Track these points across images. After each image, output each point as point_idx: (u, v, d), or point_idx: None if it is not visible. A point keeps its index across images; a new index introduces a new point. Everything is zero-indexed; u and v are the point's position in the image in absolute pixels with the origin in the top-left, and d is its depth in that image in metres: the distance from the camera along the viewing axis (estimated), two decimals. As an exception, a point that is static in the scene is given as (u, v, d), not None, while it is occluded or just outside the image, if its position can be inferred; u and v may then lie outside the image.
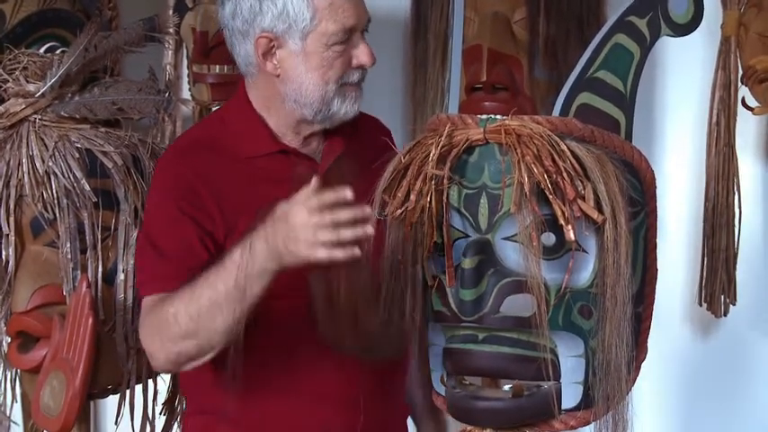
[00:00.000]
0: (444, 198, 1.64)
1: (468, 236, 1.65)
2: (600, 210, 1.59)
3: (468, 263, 1.61)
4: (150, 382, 2.01)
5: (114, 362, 1.91)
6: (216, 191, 1.71)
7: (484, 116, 1.66)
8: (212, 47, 2.97)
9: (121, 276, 1.94)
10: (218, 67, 3.00)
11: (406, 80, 3.25)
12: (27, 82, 1.97)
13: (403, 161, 1.66)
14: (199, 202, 1.68)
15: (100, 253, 1.93)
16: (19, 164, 1.93)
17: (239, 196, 1.74)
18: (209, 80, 3.00)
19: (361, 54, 1.89)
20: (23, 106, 1.97)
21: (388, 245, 1.66)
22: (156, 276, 1.61)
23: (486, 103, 2.68)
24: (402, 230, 1.65)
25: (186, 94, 3.09)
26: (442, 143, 1.64)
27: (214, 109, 3.12)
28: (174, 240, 1.64)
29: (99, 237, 1.93)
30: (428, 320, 1.69)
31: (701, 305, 2.90)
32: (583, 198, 1.58)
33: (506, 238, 1.63)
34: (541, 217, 1.59)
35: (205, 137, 1.81)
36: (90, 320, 1.80)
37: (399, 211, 1.64)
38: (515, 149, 1.60)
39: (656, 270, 1.73)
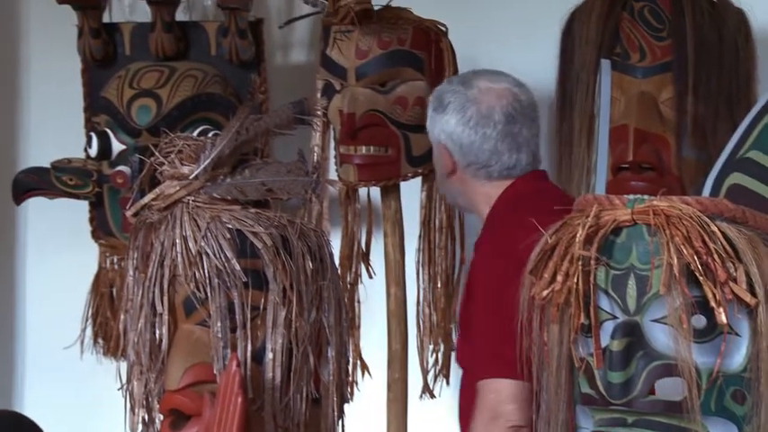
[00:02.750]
0: (591, 279, 1.63)
1: (615, 317, 1.64)
2: (752, 292, 1.56)
3: (616, 345, 1.59)
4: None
5: (263, 440, 1.93)
6: None
7: (631, 196, 1.65)
8: (359, 128, 3.02)
9: (270, 355, 1.96)
10: (364, 147, 3.04)
11: (551, 160, 3.24)
12: (181, 164, 2.01)
13: (549, 242, 1.66)
14: None
15: (249, 332, 1.96)
16: (173, 244, 1.97)
17: None
18: (356, 161, 3.04)
19: None
20: (178, 188, 2.01)
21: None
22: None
23: (633, 183, 2.66)
24: (549, 312, 1.64)
25: (333, 175, 3.13)
26: (589, 224, 1.63)
27: (360, 189, 3.16)
28: None
29: (248, 316, 1.96)
30: (575, 403, 1.67)
31: None
32: (735, 280, 1.55)
33: (655, 320, 1.61)
34: (692, 299, 1.57)
35: None
36: (240, 399, 1.82)
37: (546, 292, 1.63)
38: (664, 230, 1.58)
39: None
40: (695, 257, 1.56)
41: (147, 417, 1.97)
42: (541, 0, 3.40)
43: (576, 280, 1.62)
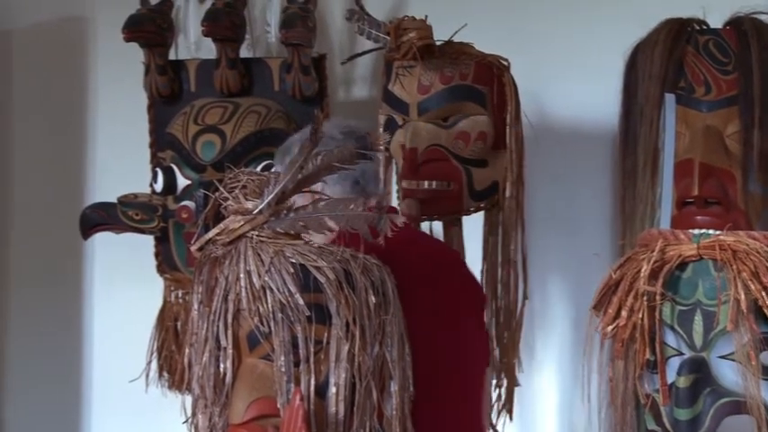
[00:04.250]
0: (657, 315, 1.61)
1: (682, 353, 1.62)
2: (822, 328, 1.54)
3: (683, 381, 1.57)
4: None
5: (326, 475, 1.93)
6: None
7: (697, 231, 1.64)
8: (421, 163, 3.02)
9: (333, 390, 1.96)
10: (426, 182, 3.04)
11: (614, 194, 3.22)
12: (245, 199, 2.03)
13: (614, 277, 1.64)
14: None
15: (312, 366, 1.96)
16: (237, 279, 1.98)
17: None
18: (419, 195, 3.04)
19: None
20: (242, 223, 2.02)
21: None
22: None
23: (699, 218, 2.63)
24: (614, 348, 1.62)
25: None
26: (654, 259, 1.62)
27: (423, 224, 3.16)
28: None
29: (312, 350, 1.96)
30: (642, 440, 1.66)
31: None
32: (803, 316, 1.53)
33: (723, 357, 1.59)
34: (760, 335, 1.55)
35: None
36: (303, 433, 1.82)
37: (610, 327, 1.62)
38: (731, 265, 1.57)
39: None
40: (763, 293, 1.54)
41: (211, 450, 1.98)
42: (604, 34, 3.40)
43: (641, 315, 1.61)
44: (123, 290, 3.81)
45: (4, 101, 3.87)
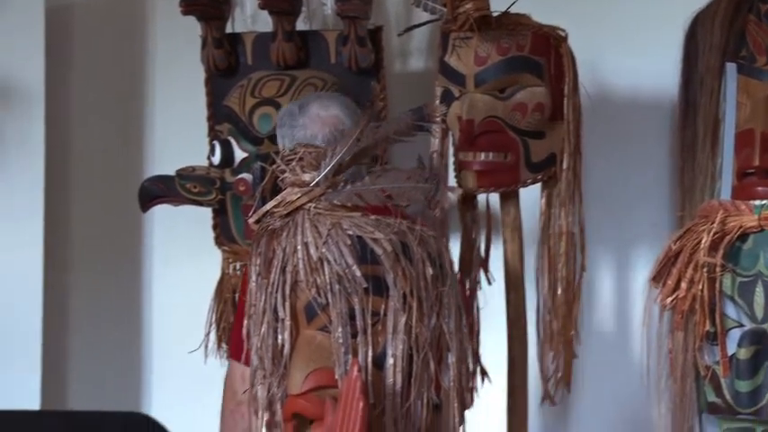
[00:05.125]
0: (717, 286, 1.60)
1: (742, 325, 1.61)
2: None
3: (743, 353, 1.56)
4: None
5: (384, 446, 1.93)
6: None
7: (758, 202, 1.62)
8: (478, 135, 3.01)
9: (390, 361, 1.96)
10: (483, 154, 3.03)
11: (673, 165, 3.20)
12: (303, 172, 2.03)
13: (673, 248, 1.63)
14: None
15: (370, 338, 1.96)
16: (294, 251, 1.98)
17: None
18: (475, 167, 3.03)
19: None
20: (299, 195, 2.02)
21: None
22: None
23: (760, 189, 2.60)
24: (673, 320, 1.61)
25: (452, 181, 3.13)
26: (714, 230, 1.60)
27: (479, 195, 3.16)
28: None
29: (369, 322, 1.97)
30: (701, 412, 1.65)
31: None
32: None
33: (784, 329, 1.58)
34: (821, 306, 1.53)
35: None
36: (361, 404, 1.83)
37: (669, 299, 1.61)
38: (793, 236, 1.55)
39: None
40: (825, 264, 1.52)
41: (271, 420, 1.99)
42: (663, 3, 3.36)
43: (700, 287, 1.59)
44: (182, 262, 3.84)
45: (63, 76, 3.90)
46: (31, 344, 3.69)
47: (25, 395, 3.63)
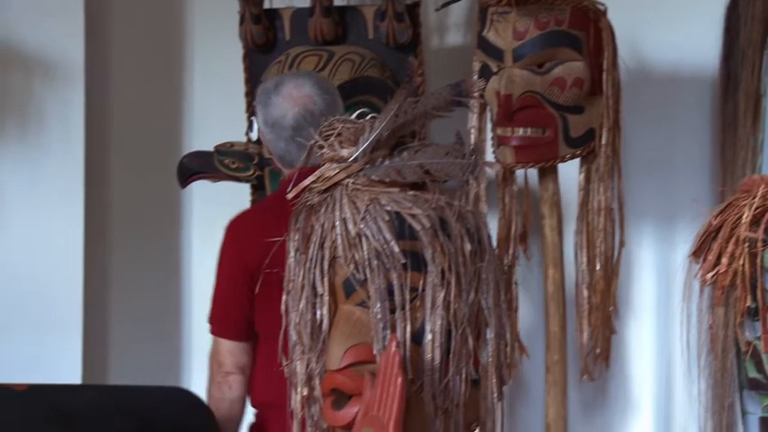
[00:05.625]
0: (758, 261, 1.59)
1: (784, 301, 1.59)
2: None
3: (785, 329, 1.55)
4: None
5: (422, 421, 1.93)
6: None
7: (800, 177, 1.61)
8: (516, 110, 3.00)
9: (429, 337, 1.96)
10: (521, 129, 3.02)
11: (713, 140, 3.17)
12: (341, 147, 2.03)
13: (714, 223, 1.62)
14: None
15: (408, 314, 1.96)
16: (332, 226, 1.98)
17: None
18: (513, 143, 3.02)
19: None
20: (337, 171, 2.02)
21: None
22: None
23: (802, 163, 2.59)
24: (714, 295, 1.60)
25: (491, 157, 3.13)
26: (755, 205, 1.59)
27: (518, 171, 3.15)
28: None
29: (407, 297, 1.96)
30: (742, 388, 1.64)
31: None
32: None
33: (826, 304, 1.56)
34: None
35: None
36: (399, 380, 1.83)
37: (710, 274, 1.60)
38: (835, 211, 1.54)
39: None
40: None
41: (309, 395, 2.00)
42: (704, -24, 3.33)
43: (742, 262, 1.58)
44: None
45: (103, 52, 3.92)
46: (73, 319, 3.72)
47: (66, 369, 3.66)
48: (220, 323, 2.89)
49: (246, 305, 2.82)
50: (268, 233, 2.77)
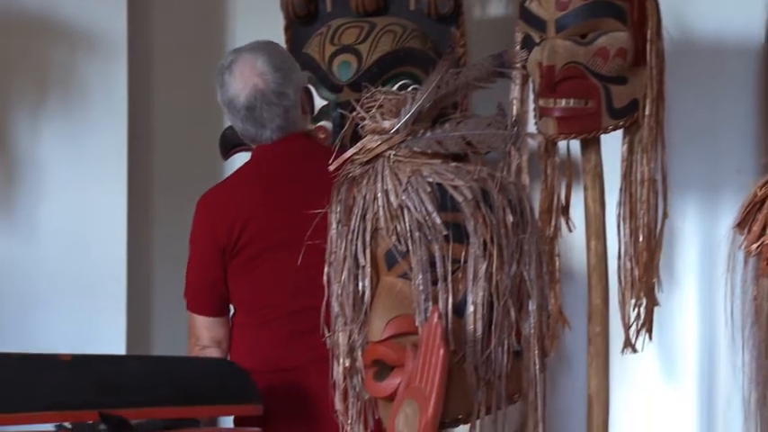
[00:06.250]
0: (804, 232, 1.58)
1: (829, 272, 1.58)
2: None
3: (830, 301, 1.53)
4: (500, 413, 2.03)
5: (464, 392, 1.93)
6: None
7: None
8: (559, 81, 2.98)
9: (471, 308, 1.96)
10: (564, 100, 3.01)
11: (758, 110, 3.15)
12: (383, 119, 2.03)
13: (759, 194, 1.61)
14: None
15: (450, 285, 1.96)
16: (374, 198, 1.98)
17: None
18: (556, 114, 3.01)
19: None
20: (379, 142, 2.02)
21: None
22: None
23: None
24: (759, 266, 1.59)
25: (532, 128, 3.12)
26: (801, 175, 1.57)
27: (560, 142, 3.13)
28: None
29: (449, 269, 1.96)
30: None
31: None
32: None
33: None
34: None
35: None
36: (441, 351, 1.83)
37: (755, 245, 1.59)
38: None
39: None
40: None
41: (351, 367, 2.01)
42: (750, -55, 3.30)
43: (787, 233, 1.57)
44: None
45: (146, 25, 3.93)
46: (117, 292, 3.76)
47: (111, 341, 3.70)
48: (194, 300, 2.95)
49: (220, 281, 2.88)
50: (238, 207, 2.86)
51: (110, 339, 3.70)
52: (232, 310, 2.97)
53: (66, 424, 2.54)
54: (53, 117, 3.71)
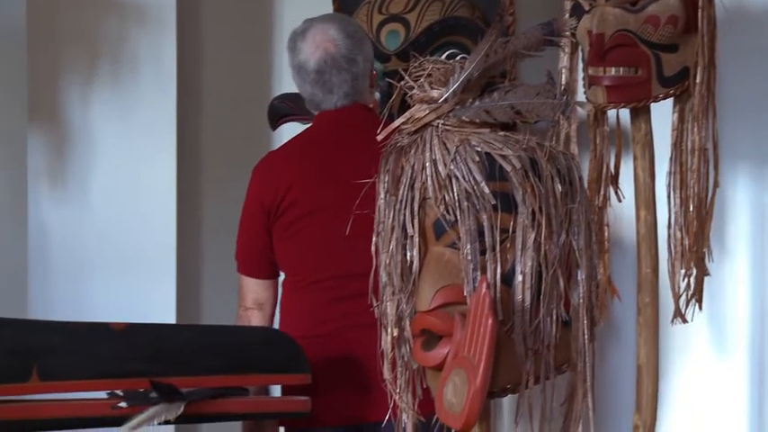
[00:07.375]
0: None
1: None
2: None
3: None
4: (548, 383, 2.02)
5: (513, 362, 1.93)
6: None
7: None
8: (608, 49, 2.96)
9: (519, 278, 1.96)
10: (613, 69, 2.98)
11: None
12: (431, 88, 2.03)
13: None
14: None
15: (498, 255, 1.96)
16: (422, 167, 1.98)
17: None
18: (605, 83, 2.98)
19: None
20: (427, 111, 2.02)
21: None
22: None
23: None
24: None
25: (581, 96, 3.09)
26: None
27: (609, 111, 3.11)
28: None
29: (498, 239, 1.96)
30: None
31: None
32: None
33: None
34: None
35: None
36: (489, 321, 1.83)
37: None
38: None
39: None
40: None
41: (399, 336, 2.01)
42: None
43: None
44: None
45: (192, -4, 3.95)
46: (167, 258, 3.79)
47: (161, 310, 3.73)
48: (243, 262, 3.02)
49: (266, 244, 2.95)
50: (285, 171, 2.91)
51: (160, 309, 3.74)
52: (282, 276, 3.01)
53: (118, 391, 2.58)
54: (103, 89, 3.74)
